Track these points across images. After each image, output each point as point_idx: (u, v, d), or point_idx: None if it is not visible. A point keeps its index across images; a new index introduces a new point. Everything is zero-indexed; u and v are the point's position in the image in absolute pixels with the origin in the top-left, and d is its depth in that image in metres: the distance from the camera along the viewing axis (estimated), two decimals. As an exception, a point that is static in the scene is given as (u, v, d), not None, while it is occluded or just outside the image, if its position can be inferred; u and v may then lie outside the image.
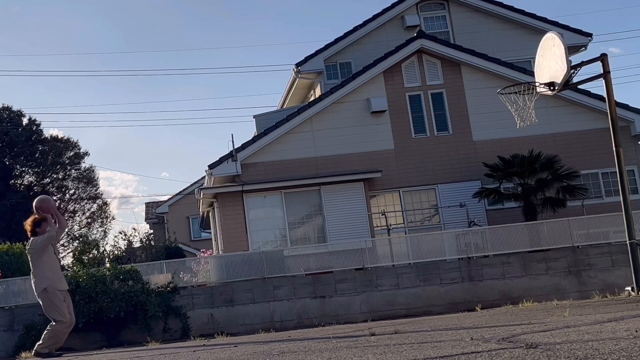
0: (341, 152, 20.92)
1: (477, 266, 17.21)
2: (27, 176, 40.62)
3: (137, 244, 25.42)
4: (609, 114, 11.58)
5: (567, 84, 11.45)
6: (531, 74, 15.27)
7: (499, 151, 20.37)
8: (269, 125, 21.20)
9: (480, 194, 19.97)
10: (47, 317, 9.04)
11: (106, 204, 44.19)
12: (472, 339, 4.69)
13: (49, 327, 8.80)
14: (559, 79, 11.27)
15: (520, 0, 55.87)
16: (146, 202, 43.99)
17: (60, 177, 41.64)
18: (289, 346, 5.81)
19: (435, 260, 17.50)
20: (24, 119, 40.36)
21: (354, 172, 20.53)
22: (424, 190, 21.15)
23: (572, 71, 11.44)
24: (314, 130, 21.07)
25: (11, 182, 38.64)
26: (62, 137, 42.05)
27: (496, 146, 20.88)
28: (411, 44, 21.51)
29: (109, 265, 17.74)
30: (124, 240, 23.03)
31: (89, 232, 41.91)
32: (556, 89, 11.47)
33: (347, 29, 24.16)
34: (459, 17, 24.01)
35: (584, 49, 24.31)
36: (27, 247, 9.08)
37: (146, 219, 41.26)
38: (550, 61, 11.48)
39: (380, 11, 24.00)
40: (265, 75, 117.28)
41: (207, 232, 29.22)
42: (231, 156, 20.37)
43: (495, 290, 16.87)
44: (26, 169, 40.56)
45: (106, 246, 24.36)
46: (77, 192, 42.47)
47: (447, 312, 14.52)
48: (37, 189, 39.24)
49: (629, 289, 11.16)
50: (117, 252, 20.03)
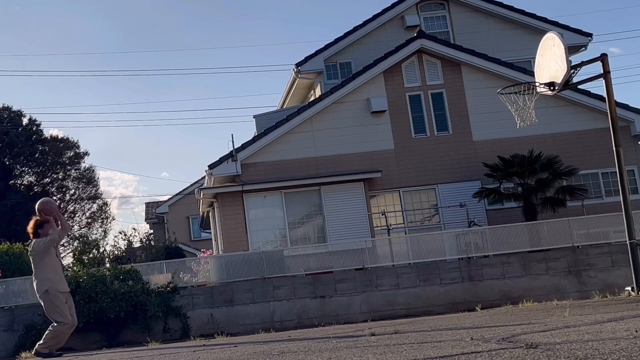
0: (341, 152, 20.92)
1: (477, 266, 17.21)
2: (27, 176, 40.64)
3: (137, 244, 25.43)
4: (609, 114, 11.58)
5: (567, 84, 11.45)
6: (531, 74, 15.27)
7: (499, 151, 20.37)
8: (269, 125, 21.20)
9: (480, 194, 19.98)
10: (48, 318, 9.05)
11: (106, 204, 44.26)
12: (472, 339, 4.69)
13: (50, 328, 8.80)
14: (559, 79, 11.27)
15: (520, 0, 55.86)
16: (146, 202, 44.03)
17: (60, 177, 41.65)
18: (289, 346, 5.81)
19: (435, 260, 17.51)
20: (24, 119, 40.40)
21: (354, 172, 20.53)
22: (424, 190, 21.15)
23: (572, 71, 11.44)
24: (314, 130, 21.07)
25: (11, 182, 38.65)
26: (62, 137, 42.11)
27: (496, 146, 20.88)
28: (411, 44, 21.52)
29: (109, 265, 17.75)
30: (124, 240, 23.04)
31: (89, 232, 41.93)
32: (556, 89, 11.47)
33: (347, 29, 24.21)
34: (459, 17, 24.02)
35: (584, 49, 24.32)
36: (29, 249, 9.08)
37: (146, 219, 41.26)
38: (550, 61, 11.48)
39: (380, 11, 24.01)
40: (265, 75, 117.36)
41: (207, 232, 29.22)
42: (231, 156, 20.38)
43: (495, 290, 16.88)
44: (26, 169, 40.58)
45: (106, 246, 24.38)
46: (77, 192, 42.49)
47: (447, 312, 14.51)
48: (37, 189, 39.26)
49: (629, 289, 11.16)
50: (117, 252, 20.05)
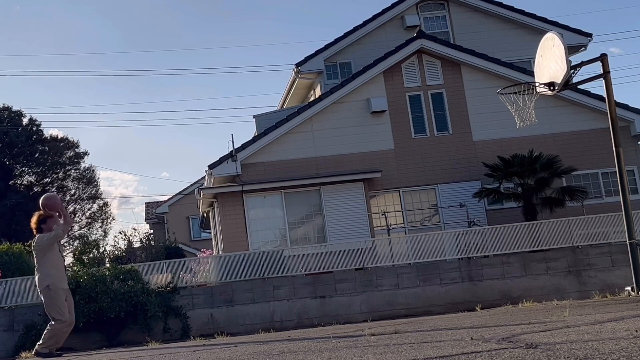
0: (341, 152, 20.92)
1: (477, 266, 17.21)
2: (27, 176, 40.64)
3: (137, 244, 25.44)
4: (609, 114, 11.58)
5: (567, 84, 11.44)
6: (531, 74, 15.26)
7: (499, 151, 20.37)
8: (269, 125, 21.20)
9: (480, 194, 19.97)
10: (47, 316, 9.04)
11: (106, 204, 44.27)
12: (472, 339, 4.69)
13: (48, 327, 8.78)
14: (558, 79, 11.27)
15: (520, 0, 55.87)
16: (146, 202, 44.04)
17: (60, 177, 41.65)
18: (289, 346, 5.81)
19: (435, 260, 17.51)
20: (24, 119, 40.40)
21: (354, 172, 20.53)
22: (424, 190, 21.15)
23: (572, 71, 11.44)
24: (314, 130, 21.07)
25: (11, 182, 38.65)
26: (62, 137, 42.12)
27: (496, 146, 20.88)
28: (411, 44, 21.52)
29: (109, 265, 17.75)
30: (124, 240, 23.07)
31: (89, 233, 41.94)
32: (556, 89, 11.46)
33: (347, 29, 24.20)
34: (459, 17, 24.02)
35: (584, 49, 24.31)
36: (33, 244, 9.06)
37: (146, 219, 41.27)
38: (550, 61, 11.48)
39: (380, 11, 24.00)
40: (265, 75, 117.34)
41: (207, 232, 29.22)
42: (231, 156, 20.38)
43: (495, 290, 16.87)
44: (26, 169, 40.58)
45: (106, 246, 24.38)
46: (77, 193, 42.50)
47: (447, 312, 14.51)
48: (37, 189, 39.25)
49: (629, 289, 11.16)
50: (117, 252, 20.06)
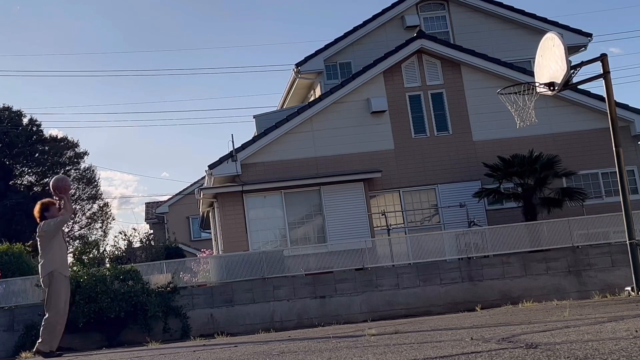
0: (341, 152, 20.92)
1: (477, 266, 17.21)
2: (27, 176, 40.65)
3: (137, 244, 25.45)
4: (609, 114, 11.57)
5: (567, 84, 11.44)
6: (531, 74, 15.26)
7: (499, 151, 20.37)
8: (269, 125, 21.20)
9: (480, 194, 19.97)
10: (44, 304, 8.96)
11: (107, 205, 44.27)
12: (472, 339, 4.69)
13: (44, 322, 8.74)
14: (558, 79, 11.26)
15: (520, 0, 55.87)
16: (146, 202, 44.05)
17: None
18: (289, 346, 5.80)
19: (435, 260, 17.51)
20: (24, 119, 40.41)
21: (354, 172, 20.54)
22: (424, 190, 21.15)
23: (572, 71, 11.43)
24: (314, 130, 21.07)
25: (11, 182, 38.66)
26: (62, 137, 42.13)
27: (496, 146, 20.88)
28: (411, 44, 21.52)
29: (109, 265, 17.75)
30: (124, 240, 23.07)
31: (89, 233, 41.94)
32: (556, 89, 11.46)
33: (347, 29, 24.20)
34: (459, 17, 24.02)
35: (583, 49, 24.31)
36: (38, 231, 9.06)
37: (146, 219, 41.27)
38: (550, 61, 11.48)
39: (380, 11, 24.01)
40: (265, 75, 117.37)
41: (207, 232, 29.22)
42: (231, 156, 20.38)
43: (495, 290, 16.87)
44: (26, 169, 40.58)
45: (106, 246, 24.39)
46: (77, 193, 42.48)
47: (447, 312, 14.51)
48: (37, 189, 39.25)
49: (629, 289, 11.16)
50: (117, 252, 20.06)
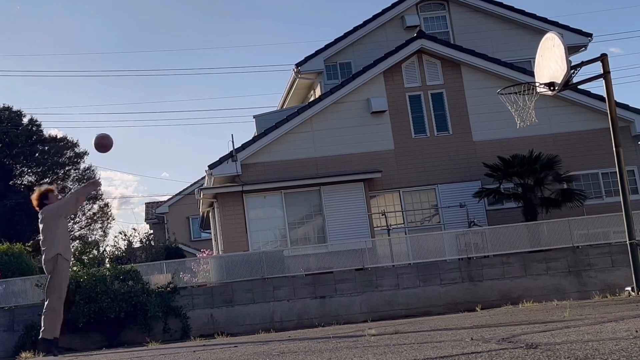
0: (341, 152, 20.92)
1: (477, 266, 17.21)
2: (27, 176, 40.65)
3: (137, 244, 25.44)
4: (609, 114, 11.57)
5: (567, 84, 11.44)
6: (531, 74, 15.26)
7: (499, 151, 20.37)
8: (269, 125, 21.20)
9: (480, 194, 19.97)
10: (46, 290, 8.98)
11: (107, 205, 44.27)
12: (472, 339, 4.68)
13: (45, 310, 8.76)
14: (559, 79, 11.26)
15: (520, 0, 55.87)
16: (146, 202, 44.04)
17: (60, 177, 41.65)
18: (289, 346, 5.80)
19: (435, 260, 17.50)
20: (24, 119, 40.41)
21: (354, 172, 20.53)
22: (424, 190, 21.15)
23: (572, 71, 11.43)
24: (314, 130, 21.07)
25: (11, 182, 38.66)
26: (62, 137, 42.14)
27: (496, 146, 20.88)
28: (411, 44, 21.52)
29: (109, 265, 17.76)
30: (124, 240, 23.07)
31: (89, 233, 41.94)
32: (556, 89, 11.46)
33: (347, 29, 24.20)
34: (459, 17, 24.01)
35: (584, 49, 24.31)
36: (42, 214, 9.12)
37: (146, 219, 41.26)
38: (550, 61, 11.47)
39: (380, 11, 24.00)
40: (265, 75, 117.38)
41: (207, 232, 29.22)
42: (231, 156, 20.38)
43: (495, 290, 16.87)
44: (26, 169, 40.59)
45: (106, 247, 24.40)
46: (77, 193, 42.42)
47: (447, 313, 14.50)
48: (37, 189, 39.24)
49: (629, 289, 11.15)
50: (117, 253, 20.07)
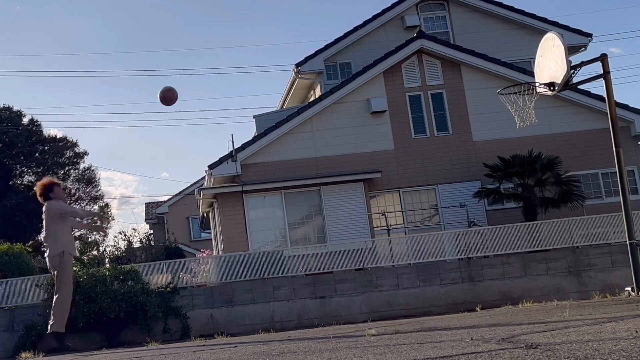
0: (341, 152, 20.92)
1: (477, 266, 17.20)
2: (27, 176, 40.65)
3: (137, 244, 25.43)
4: (609, 114, 11.57)
5: (567, 84, 11.43)
6: (531, 74, 15.26)
7: (499, 151, 20.37)
8: (269, 125, 21.20)
9: (480, 194, 19.98)
10: (55, 284, 9.12)
11: (107, 205, 44.29)
12: (472, 339, 4.68)
13: (55, 303, 8.88)
14: (559, 79, 11.26)
15: (520, 0, 55.89)
16: (146, 203, 44.06)
17: (60, 177, 41.64)
18: (289, 346, 5.80)
19: (435, 260, 17.50)
20: (24, 119, 40.42)
21: (354, 172, 20.53)
22: (424, 190, 21.15)
23: (572, 71, 11.43)
24: (314, 130, 21.07)
25: (11, 182, 38.66)
26: (62, 137, 42.14)
27: (496, 146, 20.88)
28: (411, 44, 21.52)
29: (109, 265, 17.75)
30: (124, 240, 23.06)
31: (89, 233, 41.90)
32: (556, 89, 11.45)
33: (347, 29, 24.21)
34: (459, 17, 24.02)
35: (584, 49, 24.31)
36: (47, 210, 9.17)
37: (146, 219, 41.27)
38: (550, 61, 11.47)
39: (380, 11, 24.01)
40: (265, 75, 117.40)
41: (207, 233, 29.22)
42: (231, 156, 20.38)
43: (495, 290, 16.86)
44: (26, 169, 40.58)
45: (106, 247, 24.39)
46: (77, 193, 42.49)
47: (447, 313, 14.49)
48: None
49: (629, 289, 11.15)
50: (117, 253, 20.06)
